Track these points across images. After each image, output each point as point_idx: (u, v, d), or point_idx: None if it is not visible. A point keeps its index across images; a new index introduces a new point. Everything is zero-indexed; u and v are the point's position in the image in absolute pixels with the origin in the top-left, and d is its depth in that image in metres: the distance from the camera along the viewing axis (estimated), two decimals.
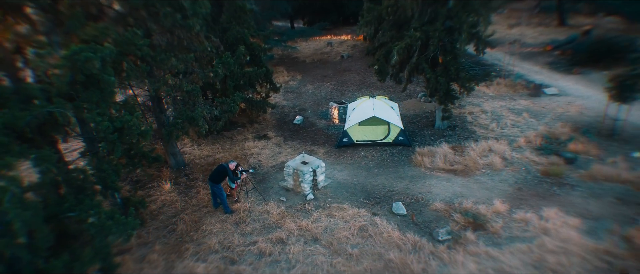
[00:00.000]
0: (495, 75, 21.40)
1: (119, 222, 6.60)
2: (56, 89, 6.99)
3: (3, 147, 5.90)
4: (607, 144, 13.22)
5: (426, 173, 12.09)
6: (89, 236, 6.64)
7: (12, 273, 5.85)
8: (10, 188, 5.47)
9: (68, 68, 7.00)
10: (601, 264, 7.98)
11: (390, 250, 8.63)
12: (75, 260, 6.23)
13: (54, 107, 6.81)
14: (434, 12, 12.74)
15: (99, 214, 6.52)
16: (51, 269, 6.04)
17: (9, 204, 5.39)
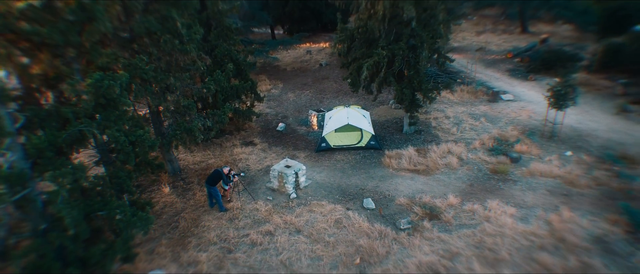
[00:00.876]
0: (460, 81, 23.74)
1: (141, 218, 8.29)
2: (84, 111, 8.60)
3: (50, 160, 7.53)
4: (547, 145, 15.55)
5: (393, 173, 14.11)
6: (116, 230, 8.30)
7: (60, 259, 7.46)
8: (62, 191, 7.12)
9: (93, 93, 8.64)
10: (526, 242, 10.11)
11: (360, 238, 10.56)
12: (108, 249, 7.89)
13: (83, 126, 8.44)
14: (398, 32, 14.80)
15: (124, 212, 8.19)
16: (90, 257, 7.69)
17: (61, 204, 7.03)
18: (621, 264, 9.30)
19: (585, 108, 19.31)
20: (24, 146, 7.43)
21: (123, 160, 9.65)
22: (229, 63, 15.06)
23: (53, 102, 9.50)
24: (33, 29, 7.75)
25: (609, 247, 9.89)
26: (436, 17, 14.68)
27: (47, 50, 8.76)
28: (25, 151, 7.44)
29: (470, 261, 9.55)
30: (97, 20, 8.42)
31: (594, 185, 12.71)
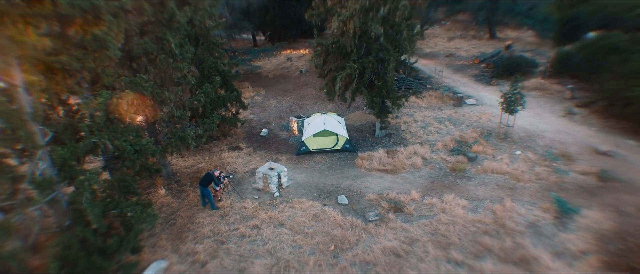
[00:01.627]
0: (430, 87, 25.93)
1: (149, 215, 9.94)
2: (96, 125, 10.18)
3: (72, 168, 9.11)
4: (500, 145, 17.76)
5: (365, 173, 16.04)
6: (127, 225, 9.91)
7: (83, 250, 9.04)
8: (86, 193, 8.72)
9: (104, 110, 10.23)
10: (474, 229, 12.15)
11: (335, 229, 12.41)
12: (122, 241, 9.51)
13: (97, 138, 10.02)
14: (368, 47, 16.75)
15: (134, 210, 9.82)
16: (108, 248, 9.30)
17: (86, 204, 8.64)
18: (546, 243, 11.42)
19: (538, 111, 21.73)
20: (52, 157, 8.99)
21: (128, 166, 11.26)
22: (216, 76, 16.72)
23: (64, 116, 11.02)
24: (57, 58, 9.30)
25: (539, 230, 12.03)
26: (401, 33, 16.68)
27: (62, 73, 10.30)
28: (53, 160, 9.01)
29: (426, 246, 11.51)
30: (108, 48, 10.02)
31: (534, 179, 14.92)
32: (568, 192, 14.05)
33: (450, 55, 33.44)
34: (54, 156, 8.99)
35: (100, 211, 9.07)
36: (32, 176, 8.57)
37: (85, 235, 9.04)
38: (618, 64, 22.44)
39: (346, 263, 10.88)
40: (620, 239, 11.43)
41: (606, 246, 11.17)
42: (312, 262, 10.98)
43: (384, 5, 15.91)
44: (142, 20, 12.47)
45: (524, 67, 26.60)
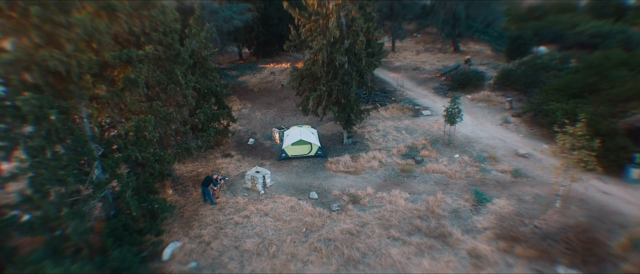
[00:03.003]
0: (394, 99, 30.35)
1: (170, 206, 13.94)
2: (129, 141, 14.13)
3: (117, 174, 13.06)
4: (443, 150, 22.22)
5: (333, 174, 20.27)
6: (153, 214, 13.88)
7: (125, 230, 12.99)
8: (128, 190, 12.69)
9: (133, 131, 14.20)
10: (410, 214, 16.45)
11: (306, 216, 16.57)
12: (152, 225, 13.50)
13: (130, 151, 13.97)
14: (334, 73, 21.00)
15: (159, 203, 13.81)
16: (142, 230, 13.28)
17: (129, 198, 12.61)
18: (461, 223, 15.79)
19: (481, 120, 26.34)
20: (103, 165, 12.93)
21: (151, 172, 15.24)
22: (211, 97, 20.74)
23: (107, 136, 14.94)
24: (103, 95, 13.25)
25: (459, 214, 16.41)
26: (361, 61, 20.97)
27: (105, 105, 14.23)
28: (103, 168, 12.95)
29: (373, 227, 15.77)
30: (138, 86, 14.00)
31: (464, 177, 19.38)
32: (487, 186, 18.53)
33: (416, 69, 38.00)
34: (104, 165, 12.94)
35: (137, 203, 13.05)
36: (91, 179, 12.53)
37: (127, 221, 13.01)
38: (545, 81, 27.31)
39: (314, 240, 15.05)
40: (513, 219, 15.90)
41: (502, 224, 15.60)
42: (289, 240, 15.13)
43: (346, 40, 20.21)
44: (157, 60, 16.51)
45: (474, 81, 31.27)
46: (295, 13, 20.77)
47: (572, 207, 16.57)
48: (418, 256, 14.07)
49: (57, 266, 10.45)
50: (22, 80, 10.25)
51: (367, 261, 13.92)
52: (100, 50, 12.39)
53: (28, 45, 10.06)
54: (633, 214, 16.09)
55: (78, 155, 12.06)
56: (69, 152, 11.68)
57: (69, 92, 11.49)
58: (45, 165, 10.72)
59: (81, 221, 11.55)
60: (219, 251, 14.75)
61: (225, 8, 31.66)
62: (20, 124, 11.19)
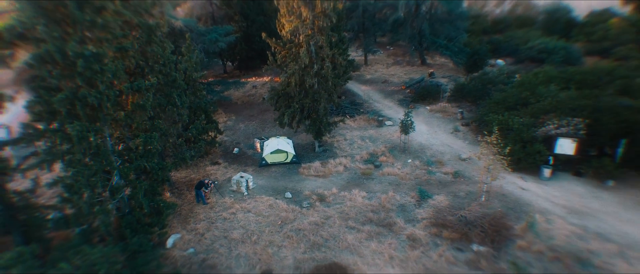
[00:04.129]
0: (362, 111, 34.73)
1: (172, 205, 17.88)
2: (139, 154, 18.01)
3: (131, 180, 16.96)
4: (399, 156, 26.64)
5: (305, 177, 24.44)
6: (159, 211, 17.77)
7: (138, 223, 16.86)
8: (141, 192, 16.60)
9: (142, 145, 18.11)
10: (365, 209, 20.70)
11: (282, 212, 20.66)
12: (158, 220, 17.41)
13: (140, 162, 17.86)
14: (305, 93, 25.23)
15: (164, 202, 17.74)
16: (152, 224, 17.19)
17: (142, 198, 16.53)
18: (405, 215, 20.11)
19: (436, 129, 30.91)
20: (120, 173, 16.79)
21: (154, 178, 19.13)
22: (202, 114, 24.71)
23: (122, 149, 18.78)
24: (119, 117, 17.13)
25: (404, 208, 20.75)
26: (328, 81, 25.24)
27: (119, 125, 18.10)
28: (121, 175, 16.83)
29: (335, 219, 19.96)
30: (146, 110, 17.92)
31: (413, 178, 23.79)
32: (431, 185, 22.98)
33: (385, 82, 42.57)
34: (121, 173, 16.82)
35: (147, 202, 16.98)
36: (111, 184, 16.41)
37: (139, 216, 16.93)
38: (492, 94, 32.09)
39: (287, 230, 19.18)
40: (446, 211, 20.31)
41: (437, 215, 19.99)
42: (267, 231, 19.22)
43: (315, 65, 24.48)
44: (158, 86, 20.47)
45: (433, 94, 35.93)
46: (272, 42, 24.98)
47: (494, 200, 21.11)
48: (368, 240, 18.33)
49: (93, 249, 14.31)
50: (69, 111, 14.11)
51: (328, 245, 18.13)
52: (118, 84, 16.33)
53: (73, 86, 13.95)
54: (539, 204, 20.74)
55: (103, 165, 15.92)
56: (96, 163, 15.54)
57: (98, 118, 15.37)
58: (82, 173, 14.58)
59: (107, 216, 15.44)
60: (211, 240, 18.75)
61: (211, 31, 35.66)
62: (61, 143, 15.05)
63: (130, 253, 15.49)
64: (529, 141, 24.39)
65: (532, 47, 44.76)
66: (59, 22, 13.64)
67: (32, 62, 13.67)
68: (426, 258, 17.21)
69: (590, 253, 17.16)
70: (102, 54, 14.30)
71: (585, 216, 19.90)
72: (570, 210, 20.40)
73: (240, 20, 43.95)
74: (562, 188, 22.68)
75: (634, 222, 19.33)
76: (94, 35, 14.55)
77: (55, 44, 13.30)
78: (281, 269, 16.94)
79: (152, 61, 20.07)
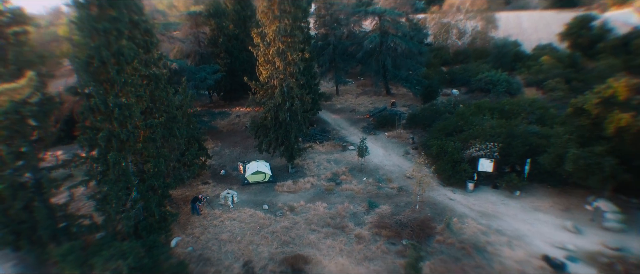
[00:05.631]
0: (330, 138, 41.42)
1: (176, 214, 23.98)
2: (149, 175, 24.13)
3: (147, 194, 23.08)
4: (357, 175, 33.26)
5: (279, 193, 30.80)
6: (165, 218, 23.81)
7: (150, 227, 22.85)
8: (153, 204, 22.68)
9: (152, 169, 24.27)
10: (325, 216, 27.12)
11: (260, 220, 26.90)
12: (165, 225, 23.46)
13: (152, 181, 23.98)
14: (279, 125, 31.84)
15: (168, 212, 23.81)
16: (160, 228, 23.23)
17: (154, 207, 22.62)
18: (356, 220, 26.54)
19: (390, 152, 37.75)
20: (138, 189, 22.85)
21: (160, 194, 25.22)
22: (195, 142, 30.99)
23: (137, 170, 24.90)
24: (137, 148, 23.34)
25: (356, 215, 27.23)
26: (298, 116, 31.90)
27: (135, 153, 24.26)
28: (138, 191, 22.90)
29: (301, 224, 26.28)
30: (156, 142, 24.14)
31: (365, 192, 30.36)
32: (379, 198, 29.58)
33: (353, 110, 49.58)
34: (138, 189, 22.92)
35: (157, 211, 23.07)
36: (131, 197, 22.50)
37: (151, 222, 22.98)
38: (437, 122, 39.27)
39: (264, 233, 25.41)
40: (387, 216, 26.85)
41: (379, 220, 26.49)
42: (248, 233, 25.42)
43: (287, 102, 31.18)
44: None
45: (391, 122, 42.98)
46: (253, 84, 31.69)
47: (426, 208, 27.79)
48: (325, 238, 24.70)
49: (121, 244, 20.29)
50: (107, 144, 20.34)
51: (295, 242, 24.44)
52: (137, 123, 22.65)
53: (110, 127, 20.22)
54: (460, 210, 27.49)
55: (126, 183, 22.03)
56: (122, 182, 21.66)
57: (124, 149, 21.58)
58: (113, 189, 20.68)
59: (129, 220, 21.50)
60: (205, 241, 24.88)
61: (200, 70, 42.27)
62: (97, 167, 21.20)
63: (147, 247, 21.48)
64: (458, 162, 31.39)
65: (481, 78, 52.49)
66: (102, 82, 20.01)
67: (85, 112, 19.95)
68: (367, 250, 23.65)
69: (487, 244, 23.87)
70: (131, 104, 20.69)
71: (492, 218, 26.75)
72: (482, 214, 27.23)
73: (225, 56, 50.72)
74: (480, 198, 29.61)
75: (525, 221, 26.25)
76: (124, 90, 20.91)
77: (100, 98, 19.65)
78: (259, 260, 23.14)
79: (159, 103, 26.43)
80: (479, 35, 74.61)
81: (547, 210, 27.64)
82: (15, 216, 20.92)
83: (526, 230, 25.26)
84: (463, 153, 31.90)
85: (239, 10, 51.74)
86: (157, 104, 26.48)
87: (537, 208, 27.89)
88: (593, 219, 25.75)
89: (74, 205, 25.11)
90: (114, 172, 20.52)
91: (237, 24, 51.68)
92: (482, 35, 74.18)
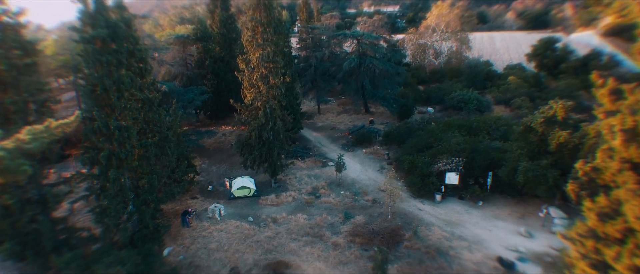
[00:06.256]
0: (312, 154, 44.39)
1: (168, 225, 26.50)
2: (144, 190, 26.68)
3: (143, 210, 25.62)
4: (335, 189, 36.22)
5: (263, 206, 33.51)
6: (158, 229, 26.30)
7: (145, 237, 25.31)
8: (148, 216, 25.21)
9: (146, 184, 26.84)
10: (305, 226, 29.91)
11: (245, 231, 29.54)
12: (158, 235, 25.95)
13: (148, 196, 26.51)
14: (263, 143, 34.74)
15: (161, 224, 26.33)
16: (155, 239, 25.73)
17: (149, 221, 25.14)
18: (332, 229, 29.39)
19: (366, 167, 40.88)
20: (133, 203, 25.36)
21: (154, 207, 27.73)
22: (184, 160, 33.62)
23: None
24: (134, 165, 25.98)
25: (333, 225, 30.09)
26: (280, 135, 34.88)
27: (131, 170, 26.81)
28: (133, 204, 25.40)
29: (283, 233, 29.02)
30: (150, 160, 26.76)
31: (343, 205, 33.29)
32: (355, 209, 32.53)
33: (333, 128, 52.79)
34: (134, 204, 25.41)
35: (152, 223, 25.57)
36: (128, 211, 25.01)
37: (146, 233, 25.46)
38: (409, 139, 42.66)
39: (249, 242, 28.06)
40: (361, 226, 29.77)
41: (354, 229, 29.39)
42: (235, 243, 28.03)
43: (270, 122, 34.17)
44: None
45: (368, 139, 46.25)
46: (238, 106, 34.65)
47: (397, 217, 30.83)
48: (304, 246, 27.47)
49: (119, 251, 22.72)
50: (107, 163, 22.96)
51: (277, 250, 27.15)
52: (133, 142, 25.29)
53: (110, 147, 22.88)
54: (427, 219, 30.60)
55: (123, 197, 24.55)
56: (120, 196, 24.18)
57: (122, 166, 24.17)
58: (113, 203, 23.19)
59: (126, 231, 23.96)
60: (195, 250, 27.41)
61: (188, 91, 45.09)
62: (97, 183, 23.73)
63: (142, 256, 23.94)
64: (427, 175, 34.65)
65: (453, 97, 56.43)
66: (104, 107, 22.73)
67: (87, 134, 22.59)
68: (342, 256, 26.48)
69: (449, 248, 26.94)
70: (130, 127, 23.42)
71: (455, 225, 29.91)
72: (447, 222, 30.39)
73: (212, 78, 53.67)
74: (447, 208, 32.83)
75: (485, 228, 29.49)
76: (123, 114, 23.62)
77: (103, 121, 22.35)
78: (244, 266, 25.77)
79: (152, 124, 29.11)
80: (454, 55, 79.15)
81: (505, 217, 30.97)
82: (22, 229, 23.19)
83: (485, 236, 28.46)
84: (432, 168, 35.19)
85: (225, 34, 55.04)
86: (151, 125, 29.14)
87: (496, 216, 31.21)
88: (544, 224, 29.16)
89: (71, 218, 27.38)
90: (113, 188, 23.07)
91: (222, 46, 54.89)
92: (457, 55, 78.76)
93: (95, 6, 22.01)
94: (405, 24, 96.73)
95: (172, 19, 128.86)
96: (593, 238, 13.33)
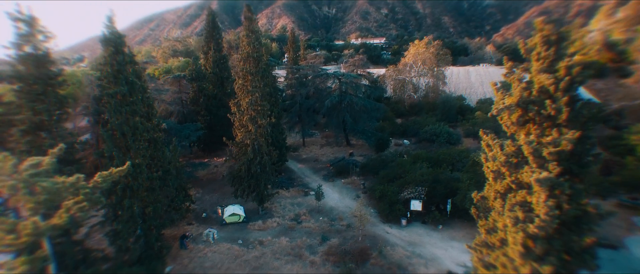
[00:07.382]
0: (296, 184, 49.97)
1: (169, 245, 31.70)
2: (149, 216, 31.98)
3: (148, 230, 30.89)
4: (315, 215, 41.70)
5: (252, 231, 38.82)
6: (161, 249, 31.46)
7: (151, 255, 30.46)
8: (154, 237, 30.46)
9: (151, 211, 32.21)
10: (287, 248, 35.27)
11: (235, 252, 34.78)
12: (160, 254, 31.13)
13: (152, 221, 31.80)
14: (252, 176, 40.36)
15: (165, 245, 31.53)
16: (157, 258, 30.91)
17: (154, 241, 30.38)
18: (311, 250, 34.80)
19: (344, 196, 46.55)
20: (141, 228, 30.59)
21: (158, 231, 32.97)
22: (182, 190, 39.02)
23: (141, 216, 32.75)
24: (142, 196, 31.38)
25: (311, 246, 35.46)
26: (266, 168, 40.55)
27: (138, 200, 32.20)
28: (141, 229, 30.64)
29: (268, 254, 34.31)
30: (155, 191, 32.17)
31: (320, 228, 38.75)
32: (331, 233, 38.00)
33: (316, 160, 58.60)
34: (142, 227, 30.66)
35: (157, 245, 30.78)
36: (136, 233, 30.27)
37: (151, 253, 30.64)
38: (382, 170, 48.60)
39: (239, 261, 33.31)
40: (335, 247, 35.22)
41: (329, 249, 34.81)
42: (227, 262, 33.25)
43: (258, 157, 39.91)
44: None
45: (346, 170, 52.08)
46: (229, 143, 40.45)
47: (366, 239, 36.37)
48: (286, 264, 32.79)
49: (130, 268, 27.85)
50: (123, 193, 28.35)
51: (263, 268, 32.44)
52: None
53: (126, 181, 28.40)
54: (393, 241, 36.20)
55: (134, 223, 29.84)
56: (131, 222, 29.48)
57: (134, 196, 29.58)
58: (126, 228, 28.46)
59: (135, 251, 29.17)
60: (192, 268, 32.57)
61: (185, 128, 50.87)
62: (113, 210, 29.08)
63: (149, 272, 29.09)
64: (395, 202, 40.44)
65: (427, 130, 62.91)
66: (121, 148, 28.36)
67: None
68: (317, 272, 31.88)
69: (409, 264, 32.49)
70: (141, 164, 29.02)
71: (416, 246, 35.54)
72: (409, 243, 36.02)
73: (205, 114, 59.60)
74: (411, 231, 38.50)
75: (442, 248, 35.14)
76: (136, 153, 29.22)
77: (120, 159, 27.93)
78: None
79: (156, 160, 34.71)
80: (431, 90, 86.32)
81: (460, 238, 36.69)
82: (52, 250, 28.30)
83: (440, 254, 34.10)
84: (399, 196, 41.03)
85: (218, 73, 61.35)
86: (155, 161, 34.73)
87: (453, 238, 36.93)
88: None
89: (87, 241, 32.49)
90: (126, 214, 28.47)
91: (215, 84, 61.10)
92: (434, 89, 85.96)
93: (117, 66, 28.00)
94: (391, 55, 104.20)
95: (165, 51, 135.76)
96: (485, 246, 19.18)
